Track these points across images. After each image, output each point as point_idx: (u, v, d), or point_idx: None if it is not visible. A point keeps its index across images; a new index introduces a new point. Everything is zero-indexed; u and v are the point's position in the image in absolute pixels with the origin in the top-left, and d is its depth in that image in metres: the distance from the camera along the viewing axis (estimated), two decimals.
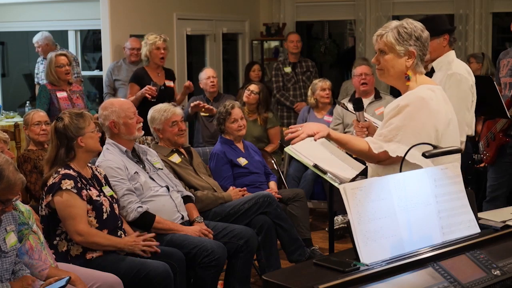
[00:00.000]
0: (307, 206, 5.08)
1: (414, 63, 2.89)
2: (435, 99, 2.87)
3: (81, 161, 3.59)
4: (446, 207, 2.50)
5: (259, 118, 6.28)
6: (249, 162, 4.97)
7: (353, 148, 2.95)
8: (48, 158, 3.59)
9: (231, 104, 5.07)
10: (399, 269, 2.24)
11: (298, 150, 3.91)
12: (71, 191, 3.44)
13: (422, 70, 2.94)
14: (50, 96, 5.68)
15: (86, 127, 3.57)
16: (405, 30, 2.86)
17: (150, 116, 4.58)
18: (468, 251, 2.41)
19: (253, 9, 8.99)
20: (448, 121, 2.90)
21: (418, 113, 2.82)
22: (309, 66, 7.67)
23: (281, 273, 2.44)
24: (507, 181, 4.89)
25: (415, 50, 2.87)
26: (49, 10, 8.24)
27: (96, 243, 3.49)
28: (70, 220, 3.45)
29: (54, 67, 5.72)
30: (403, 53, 2.87)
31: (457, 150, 2.80)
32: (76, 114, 3.60)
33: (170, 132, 4.53)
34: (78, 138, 3.54)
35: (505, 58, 4.95)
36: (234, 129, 4.98)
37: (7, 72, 9.63)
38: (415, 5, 8.58)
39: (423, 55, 2.91)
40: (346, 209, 2.29)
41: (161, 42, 5.83)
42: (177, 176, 4.41)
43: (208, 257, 3.79)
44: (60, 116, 3.61)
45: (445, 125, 2.88)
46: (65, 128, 3.53)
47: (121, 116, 4.01)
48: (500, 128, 4.78)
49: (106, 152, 3.98)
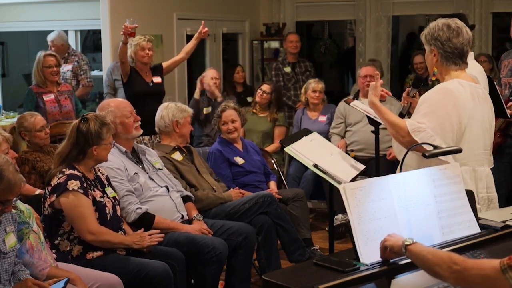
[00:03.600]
0: (307, 206, 5.09)
1: (439, 61, 3.12)
2: (463, 93, 3.04)
3: (86, 166, 3.59)
4: (445, 207, 2.50)
5: (269, 116, 6.50)
6: (246, 161, 4.99)
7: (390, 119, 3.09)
8: (60, 152, 3.57)
9: (224, 106, 5.15)
10: (399, 269, 2.24)
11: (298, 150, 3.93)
12: (78, 192, 3.43)
13: (453, 67, 3.13)
14: (37, 99, 5.65)
15: (106, 138, 3.57)
16: (430, 31, 3.13)
17: (172, 111, 4.62)
18: (468, 251, 2.41)
19: (253, 9, 8.98)
20: (473, 116, 3.05)
21: (443, 100, 3.02)
22: (308, 67, 7.68)
23: (281, 273, 2.44)
24: (506, 181, 4.89)
25: (435, 49, 3.11)
26: (49, 10, 8.23)
27: (107, 241, 3.50)
28: (80, 219, 3.44)
29: (41, 67, 5.68)
30: (429, 51, 3.16)
31: (457, 150, 2.81)
32: (101, 123, 3.58)
33: (187, 129, 4.66)
34: (94, 146, 3.53)
35: (506, 59, 4.95)
36: (224, 131, 5.05)
37: (7, 72, 9.62)
38: (415, 5, 8.57)
39: (447, 52, 3.10)
40: (346, 209, 2.29)
41: (145, 42, 5.84)
42: (179, 174, 4.42)
43: (210, 253, 3.80)
44: (86, 117, 3.58)
45: (469, 119, 3.04)
46: (87, 131, 3.52)
47: (117, 116, 4.01)
48: (498, 127, 4.79)
49: None
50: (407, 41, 10.69)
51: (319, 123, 6.42)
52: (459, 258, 2.00)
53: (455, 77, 3.10)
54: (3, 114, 7.30)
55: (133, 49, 5.84)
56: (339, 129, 6.26)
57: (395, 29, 9.32)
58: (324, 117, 6.45)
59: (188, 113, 4.69)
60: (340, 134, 6.26)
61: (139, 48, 5.83)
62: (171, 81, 7.30)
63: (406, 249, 2.14)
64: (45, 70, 5.70)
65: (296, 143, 4.00)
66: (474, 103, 3.07)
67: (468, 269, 1.96)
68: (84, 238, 3.47)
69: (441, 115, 2.98)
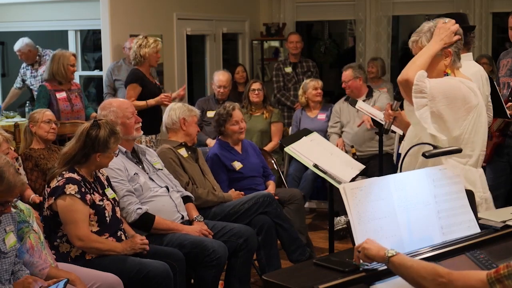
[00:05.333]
0: (303, 208, 5.07)
1: (452, 60, 2.97)
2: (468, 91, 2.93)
3: (88, 169, 3.59)
4: (445, 207, 2.50)
5: (265, 112, 6.47)
6: (244, 165, 4.92)
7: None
8: (66, 153, 3.57)
9: (232, 105, 5.02)
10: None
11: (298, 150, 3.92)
12: (75, 196, 3.43)
13: (458, 65, 3.02)
14: (50, 96, 5.69)
15: (112, 148, 3.58)
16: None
17: (180, 110, 4.63)
18: (468, 251, 2.41)
19: (253, 9, 8.99)
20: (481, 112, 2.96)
21: (449, 82, 2.90)
22: (310, 66, 7.68)
23: (281, 273, 2.44)
24: (505, 181, 4.89)
25: (450, 49, 2.94)
26: (49, 10, 8.23)
27: (95, 248, 3.49)
28: (71, 224, 3.44)
29: (67, 65, 5.74)
30: (440, 54, 2.93)
31: (457, 150, 2.80)
32: (111, 131, 3.57)
33: (194, 129, 4.65)
34: (98, 153, 3.54)
35: (505, 58, 4.95)
36: (235, 131, 4.95)
37: (7, 72, 9.62)
38: (415, 5, 8.58)
39: (459, 50, 2.99)
40: (346, 209, 2.29)
41: (160, 46, 5.88)
42: (183, 169, 4.42)
43: (209, 256, 3.79)
44: (98, 123, 3.58)
45: (480, 108, 2.93)
46: (96, 138, 3.53)
47: (119, 116, 4.01)
48: (496, 127, 4.79)
49: None
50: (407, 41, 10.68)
51: (318, 121, 6.42)
52: (443, 270, 1.97)
53: (459, 77, 3.00)
54: (3, 114, 7.30)
55: (149, 50, 5.76)
56: (336, 128, 6.27)
57: (395, 29, 9.32)
58: (323, 114, 6.46)
59: (195, 113, 4.70)
60: (337, 133, 6.27)
61: (155, 50, 5.81)
62: (171, 81, 7.31)
63: (389, 261, 2.11)
64: (69, 68, 5.77)
65: (296, 143, 3.99)
66: (478, 100, 2.99)
67: (453, 280, 1.93)
68: (73, 243, 3.47)
69: (448, 90, 2.86)
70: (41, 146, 4.67)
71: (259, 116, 6.48)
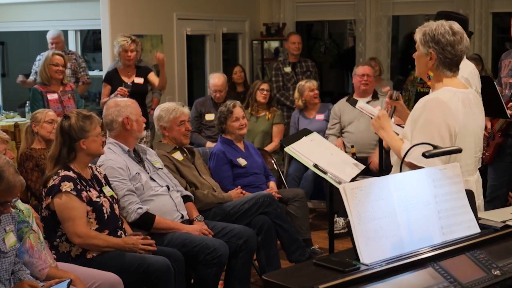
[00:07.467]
0: (307, 206, 5.08)
1: (435, 65, 2.92)
2: (454, 102, 2.89)
3: (81, 163, 3.59)
4: (445, 207, 2.50)
5: (268, 113, 6.49)
6: (248, 162, 4.95)
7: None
8: (51, 155, 3.59)
9: (232, 103, 5.05)
10: (399, 269, 2.24)
11: (298, 150, 3.92)
12: (71, 193, 3.43)
13: (448, 74, 2.94)
14: (42, 98, 5.70)
15: (91, 130, 3.56)
16: (429, 32, 2.90)
17: (158, 114, 4.57)
18: (468, 251, 2.41)
19: (253, 9, 8.99)
20: (465, 125, 2.91)
21: (433, 112, 2.86)
22: (309, 66, 7.67)
23: (281, 273, 2.44)
24: (507, 181, 4.89)
25: (434, 53, 2.90)
26: (49, 10, 8.24)
27: (94, 245, 3.49)
28: (69, 222, 3.45)
29: (48, 64, 5.75)
30: (425, 53, 2.93)
31: (457, 150, 2.80)
32: (84, 116, 3.58)
33: (177, 131, 4.52)
34: (80, 140, 3.53)
35: (506, 58, 4.95)
36: (235, 127, 4.96)
37: (7, 72, 9.63)
38: (415, 5, 8.58)
39: (446, 58, 2.91)
40: (346, 209, 2.29)
41: (128, 44, 6.05)
42: (179, 173, 4.42)
43: (211, 254, 3.80)
44: (68, 115, 3.60)
45: (460, 128, 2.89)
46: (70, 128, 3.53)
47: (133, 113, 4.05)
48: (499, 127, 4.79)
49: (108, 152, 3.95)
50: (407, 41, 10.69)
51: (316, 122, 6.40)
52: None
53: (447, 84, 2.94)
54: (3, 114, 7.30)
55: (118, 49, 6.08)
56: (334, 129, 6.24)
57: (395, 29, 9.32)
58: (321, 115, 6.42)
59: (175, 114, 4.51)
60: (336, 135, 6.24)
61: (122, 49, 6.06)
62: (171, 81, 7.30)
63: None
64: (51, 68, 5.76)
65: (296, 143, 3.99)
66: (466, 112, 2.94)
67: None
68: (72, 240, 3.47)
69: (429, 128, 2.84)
70: (42, 146, 4.68)
71: (262, 117, 6.50)
